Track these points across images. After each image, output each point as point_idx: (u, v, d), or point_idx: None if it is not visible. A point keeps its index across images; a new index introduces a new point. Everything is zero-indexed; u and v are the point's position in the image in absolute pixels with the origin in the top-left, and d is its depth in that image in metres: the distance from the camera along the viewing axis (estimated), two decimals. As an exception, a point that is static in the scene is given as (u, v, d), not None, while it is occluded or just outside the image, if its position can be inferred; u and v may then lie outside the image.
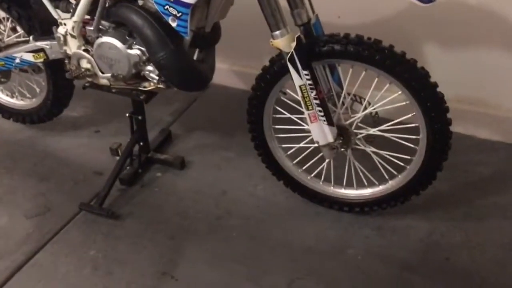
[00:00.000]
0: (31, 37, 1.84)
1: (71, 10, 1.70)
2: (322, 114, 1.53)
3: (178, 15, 1.46)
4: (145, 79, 1.74)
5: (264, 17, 1.45)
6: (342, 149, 1.65)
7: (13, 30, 2.03)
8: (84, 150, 2.23)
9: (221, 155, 2.16)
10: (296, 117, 1.71)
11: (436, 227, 1.75)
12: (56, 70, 1.96)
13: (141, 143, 2.03)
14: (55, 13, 1.72)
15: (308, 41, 1.49)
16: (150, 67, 1.68)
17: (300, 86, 1.50)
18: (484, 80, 1.99)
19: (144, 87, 1.76)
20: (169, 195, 1.98)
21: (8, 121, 2.32)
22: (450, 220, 1.77)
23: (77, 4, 1.67)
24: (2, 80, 2.08)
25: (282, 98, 1.70)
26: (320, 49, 1.50)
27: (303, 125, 1.70)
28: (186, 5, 1.43)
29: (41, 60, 1.86)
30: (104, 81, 1.78)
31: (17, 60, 1.89)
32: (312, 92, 1.50)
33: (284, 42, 1.45)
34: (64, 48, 1.76)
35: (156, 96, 1.85)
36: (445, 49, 2.03)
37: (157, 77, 1.67)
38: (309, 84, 1.49)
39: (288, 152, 1.81)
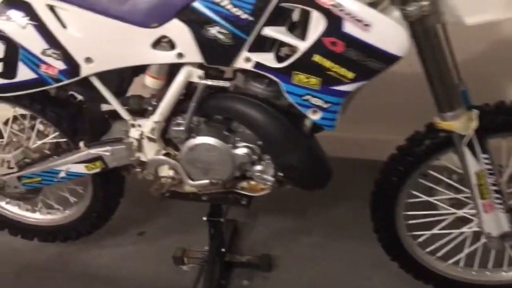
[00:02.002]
0: (81, 144, 1.40)
1: (150, 108, 1.29)
2: (499, 201, 1.25)
3: (325, 106, 1.12)
4: (243, 178, 1.37)
5: (433, 95, 1.14)
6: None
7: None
8: (135, 263, 1.78)
9: (307, 243, 1.81)
10: (435, 199, 1.43)
11: None
12: (109, 178, 1.53)
13: (223, 249, 1.63)
14: (125, 113, 1.31)
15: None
16: (259, 167, 1.31)
17: (477, 173, 1.20)
18: None
19: (242, 188, 1.39)
20: (269, 307, 1.60)
21: (17, 238, 1.80)
22: None
23: (158, 100, 1.27)
24: (29, 196, 1.60)
25: (421, 180, 1.40)
26: (496, 123, 1.21)
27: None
28: (341, 93, 1.10)
29: (97, 170, 1.42)
30: (191, 189, 1.39)
31: (62, 174, 1.43)
32: (490, 178, 1.21)
33: (461, 124, 1.15)
34: (137, 155, 1.35)
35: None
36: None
37: (272, 178, 1.31)
38: (488, 169, 1.20)
39: (419, 240, 1.51)
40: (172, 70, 1.25)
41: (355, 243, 1.76)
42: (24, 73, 1.22)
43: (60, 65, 1.20)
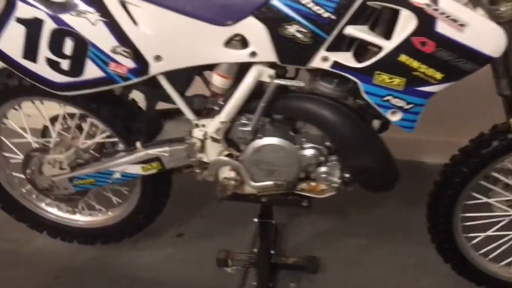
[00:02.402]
0: (138, 144, 1.36)
1: (216, 108, 1.26)
2: None
3: (407, 107, 1.10)
4: (303, 179, 1.35)
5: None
6: None
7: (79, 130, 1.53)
8: (175, 265, 1.75)
9: (352, 244, 1.79)
10: (495, 201, 1.42)
11: None
12: (159, 178, 1.49)
13: (273, 252, 1.61)
14: (189, 112, 1.28)
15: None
16: (325, 168, 1.29)
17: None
18: None
19: (302, 189, 1.37)
20: (321, 311, 1.58)
21: (55, 240, 1.76)
22: None
23: (226, 100, 1.24)
24: (75, 198, 1.55)
25: (482, 182, 1.39)
26: None
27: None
28: (426, 94, 1.08)
29: (153, 171, 1.39)
30: (251, 191, 1.36)
31: (116, 175, 1.39)
32: None
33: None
34: (199, 156, 1.32)
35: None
36: None
37: (339, 180, 1.28)
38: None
39: (474, 241, 1.50)
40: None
41: (400, 245, 1.76)
42: (91, 71, 1.18)
43: (129, 63, 1.17)
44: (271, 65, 1.18)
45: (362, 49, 1.14)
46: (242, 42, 1.16)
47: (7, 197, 1.64)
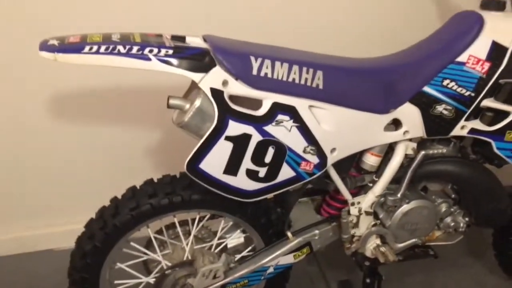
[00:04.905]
0: (289, 233, 1.42)
1: (370, 184, 1.41)
2: None
3: (539, 152, 1.41)
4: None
5: None
6: None
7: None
8: None
9: (413, 283, 2.00)
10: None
11: None
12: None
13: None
14: (347, 194, 1.39)
15: None
16: (451, 218, 1.52)
17: None
18: None
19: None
20: None
21: None
22: None
23: (380, 175, 1.40)
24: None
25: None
26: None
27: None
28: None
29: (302, 257, 1.45)
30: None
31: (270, 270, 1.41)
32: None
33: None
34: (352, 231, 1.43)
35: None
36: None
37: (465, 225, 1.52)
38: None
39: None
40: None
41: (457, 270, 2.02)
42: (285, 173, 1.23)
43: (314, 159, 1.26)
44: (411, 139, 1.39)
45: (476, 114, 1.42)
46: (393, 123, 1.35)
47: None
